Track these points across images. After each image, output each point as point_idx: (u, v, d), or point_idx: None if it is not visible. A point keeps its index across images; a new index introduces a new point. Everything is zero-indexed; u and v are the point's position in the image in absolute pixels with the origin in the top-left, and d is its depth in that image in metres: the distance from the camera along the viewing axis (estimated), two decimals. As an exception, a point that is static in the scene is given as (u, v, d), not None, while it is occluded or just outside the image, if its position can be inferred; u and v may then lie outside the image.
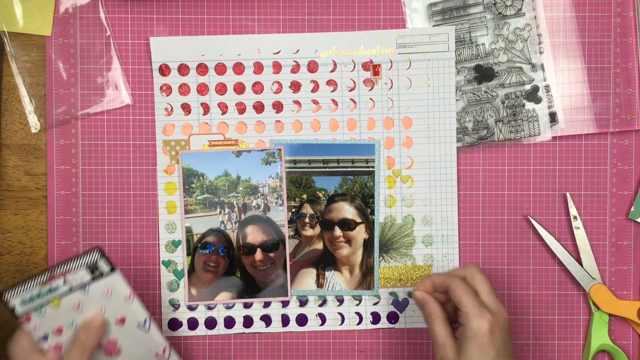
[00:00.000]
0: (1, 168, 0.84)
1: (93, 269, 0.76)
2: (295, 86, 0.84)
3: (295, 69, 0.84)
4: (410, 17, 0.84)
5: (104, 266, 0.76)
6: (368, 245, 0.84)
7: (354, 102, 0.84)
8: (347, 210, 0.84)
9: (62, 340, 0.76)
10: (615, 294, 0.84)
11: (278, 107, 0.84)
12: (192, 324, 0.84)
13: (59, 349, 0.76)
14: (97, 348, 0.76)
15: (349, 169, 0.84)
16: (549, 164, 0.84)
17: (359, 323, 0.85)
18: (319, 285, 0.84)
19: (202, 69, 0.83)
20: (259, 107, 0.84)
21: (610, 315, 0.84)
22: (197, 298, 0.84)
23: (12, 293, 0.74)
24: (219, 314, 0.84)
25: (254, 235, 0.84)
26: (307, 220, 0.84)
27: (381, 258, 0.84)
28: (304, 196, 0.84)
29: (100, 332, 0.76)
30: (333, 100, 0.84)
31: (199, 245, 0.84)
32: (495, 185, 0.85)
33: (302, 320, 0.85)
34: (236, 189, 0.84)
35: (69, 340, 0.76)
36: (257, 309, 0.84)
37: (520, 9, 0.83)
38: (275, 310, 0.85)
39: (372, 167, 0.84)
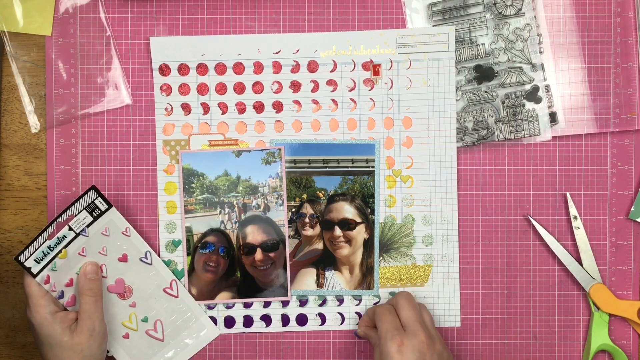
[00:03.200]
0: (1, 168, 0.84)
1: (92, 209, 0.77)
2: (295, 86, 0.84)
3: (295, 68, 0.84)
4: (410, 17, 0.84)
5: (101, 204, 0.77)
6: (368, 245, 0.84)
7: (354, 102, 0.84)
8: (347, 210, 0.84)
9: (74, 293, 0.78)
10: (615, 294, 0.84)
11: (278, 107, 0.84)
12: (192, 323, 0.84)
13: (73, 302, 0.77)
14: (102, 291, 0.78)
15: (349, 169, 0.84)
16: (549, 164, 0.84)
17: (359, 323, 0.85)
18: (319, 285, 0.84)
19: (202, 68, 0.83)
20: (259, 107, 0.84)
21: (610, 315, 0.84)
22: (197, 298, 0.84)
23: (27, 254, 0.76)
24: (219, 313, 0.84)
25: (254, 235, 0.84)
26: (307, 220, 0.84)
27: (381, 258, 0.84)
28: (304, 196, 0.84)
29: (98, 273, 0.78)
30: (333, 100, 0.84)
31: (199, 245, 0.84)
32: (495, 185, 0.85)
33: (302, 320, 0.85)
34: (236, 189, 0.84)
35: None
36: (257, 309, 0.84)
37: (520, 9, 0.83)
38: (275, 310, 0.85)
39: (372, 167, 0.84)
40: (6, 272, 0.84)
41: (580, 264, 0.84)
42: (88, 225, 0.78)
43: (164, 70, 0.83)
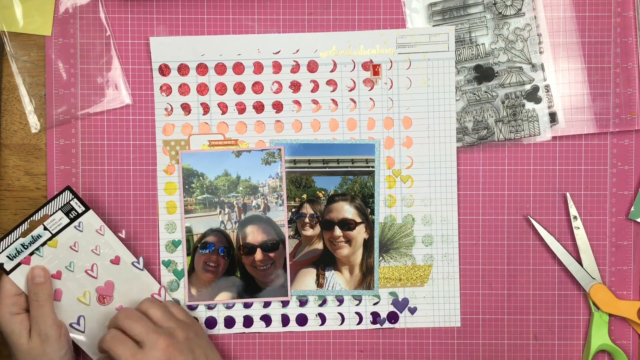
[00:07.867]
0: (1, 168, 0.84)
1: (68, 210, 0.77)
2: (295, 86, 0.84)
3: (295, 68, 0.84)
4: (410, 17, 0.84)
5: (77, 206, 0.77)
6: (368, 245, 0.84)
7: (354, 102, 0.84)
8: (347, 210, 0.84)
9: (61, 288, 0.77)
10: (615, 294, 0.84)
11: (278, 107, 0.84)
12: (192, 324, 0.84)
13: (59, 296, 0.77)
14: (49, 295, 0.76)
15: (349, 169, 0.84)
16: (549, 164, 0.84)
17: (359, 323, 0.85)
18: (319, 285, 0.84)
19: (202, 69, 0.83)
20: (259, 107, 0.84)
21: (610, 315, 0.84)
22: (197, 298, 0.84)
23: None
24: (219, 314, 0.84)
25: (254, 235, 0.84)
26: (307, 220, 0.84)
27: (381, 258, 0.84)
28: (304, 196, 0.84)
29: (45, 277, 0.76)
30: (333, 100, 0.84)
31: (199, 245, 0.84)
32: (495, 185, 0.85)
33: (302, 320, 0.85)
34: (236, 189, 0.84)
35: (71, 285, 0.78)
36: (257, 309, 0.84)
37: (520, 9, 0.83)
38: (275, 310, 0.85)
39: (372, 167, 0.84)
40: (6, 272, 0.85)
41: (580, 264, 0.84)
42: (68, 225, 0.78)
43: (164, 70, 0.83)
